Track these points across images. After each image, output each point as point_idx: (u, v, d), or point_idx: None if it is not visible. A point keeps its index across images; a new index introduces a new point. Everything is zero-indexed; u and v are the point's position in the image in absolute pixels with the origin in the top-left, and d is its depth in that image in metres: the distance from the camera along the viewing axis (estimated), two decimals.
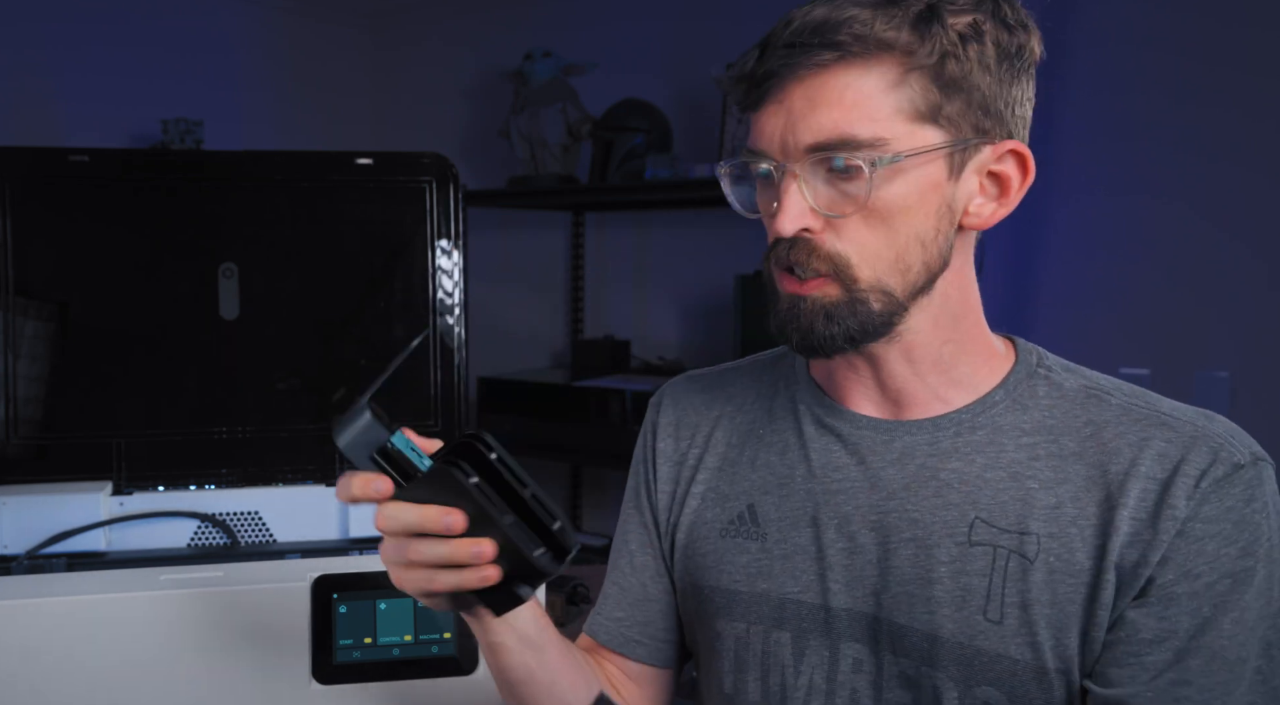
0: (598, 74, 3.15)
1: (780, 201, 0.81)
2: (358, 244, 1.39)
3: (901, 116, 0.79)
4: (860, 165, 0.78)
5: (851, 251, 0.81)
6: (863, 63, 0.78)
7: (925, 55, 0.78)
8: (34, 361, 1.31)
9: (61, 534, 1.24)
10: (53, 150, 1.32)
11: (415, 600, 1.07)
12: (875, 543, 0.85)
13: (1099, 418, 0.83)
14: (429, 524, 0.72)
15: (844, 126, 0.78)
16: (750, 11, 2.95)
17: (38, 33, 2.94)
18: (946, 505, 0.83)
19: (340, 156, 1.38)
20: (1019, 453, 0.84)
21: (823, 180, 0.80)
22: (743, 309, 2.72)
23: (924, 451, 0.86)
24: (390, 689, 1.05)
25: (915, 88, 0.78)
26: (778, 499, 0.91)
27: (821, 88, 0.79)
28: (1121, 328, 2.38)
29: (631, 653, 1.00)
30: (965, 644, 0.80)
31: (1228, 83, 2.24)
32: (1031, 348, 0.90)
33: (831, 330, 0.83)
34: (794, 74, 0.80)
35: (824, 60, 0.78)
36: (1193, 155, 2.28)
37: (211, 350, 1.35)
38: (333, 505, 1.35)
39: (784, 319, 0.85)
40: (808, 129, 0.79)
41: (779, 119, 0.81)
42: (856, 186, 0.79)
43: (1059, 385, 0.86)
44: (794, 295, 0.84)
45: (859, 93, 0.78)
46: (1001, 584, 0.80)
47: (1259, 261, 2.25)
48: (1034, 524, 0.81)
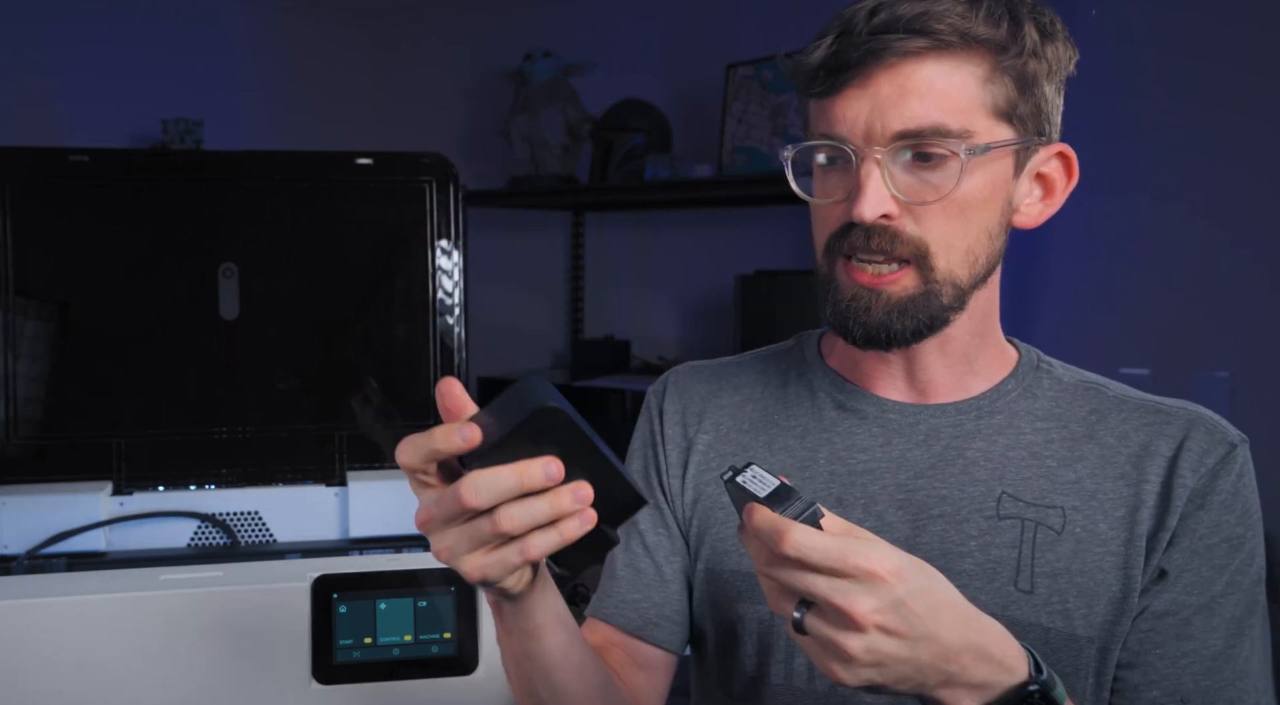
0: (598, 74, 3.15)
1: (862, 186, 0.81)
2: (358, 244, 1.39)
3: (984, 111, 0.81)
4: (953, 154, 0.80)
5: (930, 239, 0.82)
6: (955, 55, 0.80)
7: (1014, 54, 0.81)
8: (34, 361, 1.31)
9: (61, 534, 1.24)
10: (53, 150, 1.32)
11: (415, 600, 1.07)
12: (904, 521, 0.87)
13: (1100, 407, 0.89)
14: (529, 479, 0.63)
15: (935, 116, 0.80)
16: (750, 12, 2.96)
17: (38, 33, 2.94)
18: (974, 482, 0.87)
19: (340, 156, 1.38)
20: (1035, 435, 0.88)
21: (902, 168, 0.81)
22: (743, 309, 2.72)
23: (949, 433, 0.89)
24: (390, 689, 1.05)
25: (998, 85, 0.81)
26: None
27: (911, 76, 0.80)
28: (1121, 328, 2.38)
29: (650, 636, 0.96)
30: (998, 615, 0.79)
31: (1228, 83, 2.24)
32: (1029, 348, 0.95)
33: (904, 324, 0.84)
34: (881, 61, 0.80)
35: (918, 48, 0.79)
36: (1192, 156, 2.28)
37: (211, 350, 1.35)
38: (333, 505, 1.35)
39: (846, 311, 0.85)
40: (898, 116, 0.80)
41: (862, 104, 0.81)
42: (941, 175, 0.81)
43: (1059, 379, 0.92)
44: (865, 288, 0.84)
45: (950, 84, 0.80)
46: (1031, 555, 0.84)
47: (1259, 261, 2.25)
48: (1058, 498, 0.86)
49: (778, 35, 2.77)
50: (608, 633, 0.97)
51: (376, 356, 1.39)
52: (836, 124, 0.82)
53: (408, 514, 1.34)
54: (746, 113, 2.80)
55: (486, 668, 1.05)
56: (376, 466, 1.37)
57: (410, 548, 1.30)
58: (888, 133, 0.80)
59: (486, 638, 1.05)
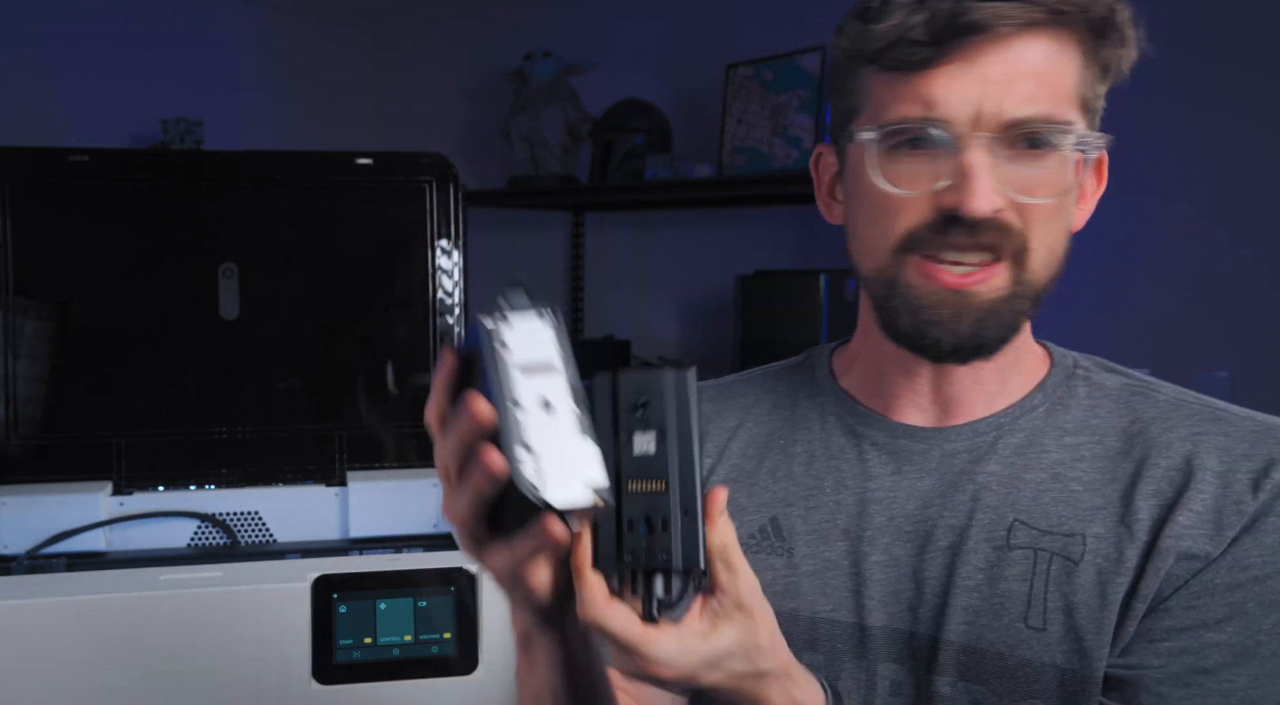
0: (598, 74, 3.15)
1: (972, 176, 0.71)
2: (358, 244, 1.39)
3: (1078, 102, 0.74)
4: (1056, 147, 0.72)
5: (1030, 235, 0.74)
6: (1061, 33, 0.72)
7: (1111, 43, 0.73)
8: (34, 361, 1.31)
9: (61, 534, 1.24)
10: (53, 150, 1.32)
11: (415, 600, 1.07)
12: (910, 553, 0.80)
13: (1146, 414, 0.79)
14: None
15: (1047, 104, 0.71)
16: (750, 11, 2.96)
17: (38, 33, 2.94)
18: (983, 509, 0.78)
19: (340, 156, 1.38)
20: (1061, 453, 0.79)
21: (1006, 157, 0.72)
22: (743, 309, 2.72)
23: (963, 457, 0.80)
24: (390, 689, 1.05)
25: (1089, 78, 0.74)
26: (804, 511, 0.84)
27: (1022, 55, 0.71)
28: (1121, 328, 2.38)
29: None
30: (1006, 655, 0.75)
31: (1228, 83, 2.24)
32: (1066, 352, 0.85)
33: (993, 332, 0.75)
34: (992, 33, 0.70)
35: (1035, 18, 0.70)
36: (1192, 156, 2.28)
37: (211, 350, 1.35)
38: (333, 505, 1.35)
39: (931, 321, 0.75)
40: (1012, 100, 0.71)
41: (968, 84, 0.71)
42: (1046, 169, 0.73)
43: (1099, 385, 0.82)
44: (952, 292, 0.74)
45: (1056, 67, 0.72)
46: (1044, 589, 0.75)
47: (1259, 261, 2.25)
48: (1079, 525, 0.75)
49: (778, 35, 2.78)
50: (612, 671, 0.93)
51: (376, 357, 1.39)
52: (937, 105, 0.71)
53: (408, 514, 1.35)
54: (746, 113, 2.79)
55: (486, 668, 1.05)
56: (376, 466, 1.37)
57: (410, 548, 1.30)
58: (1000, 119, 0.71)
59: (486, 638, 1.05)
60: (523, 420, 0.55)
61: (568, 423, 0.56)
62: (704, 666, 0.61)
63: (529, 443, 0.55)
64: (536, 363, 0.57)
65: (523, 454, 0.54)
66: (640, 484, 0.59)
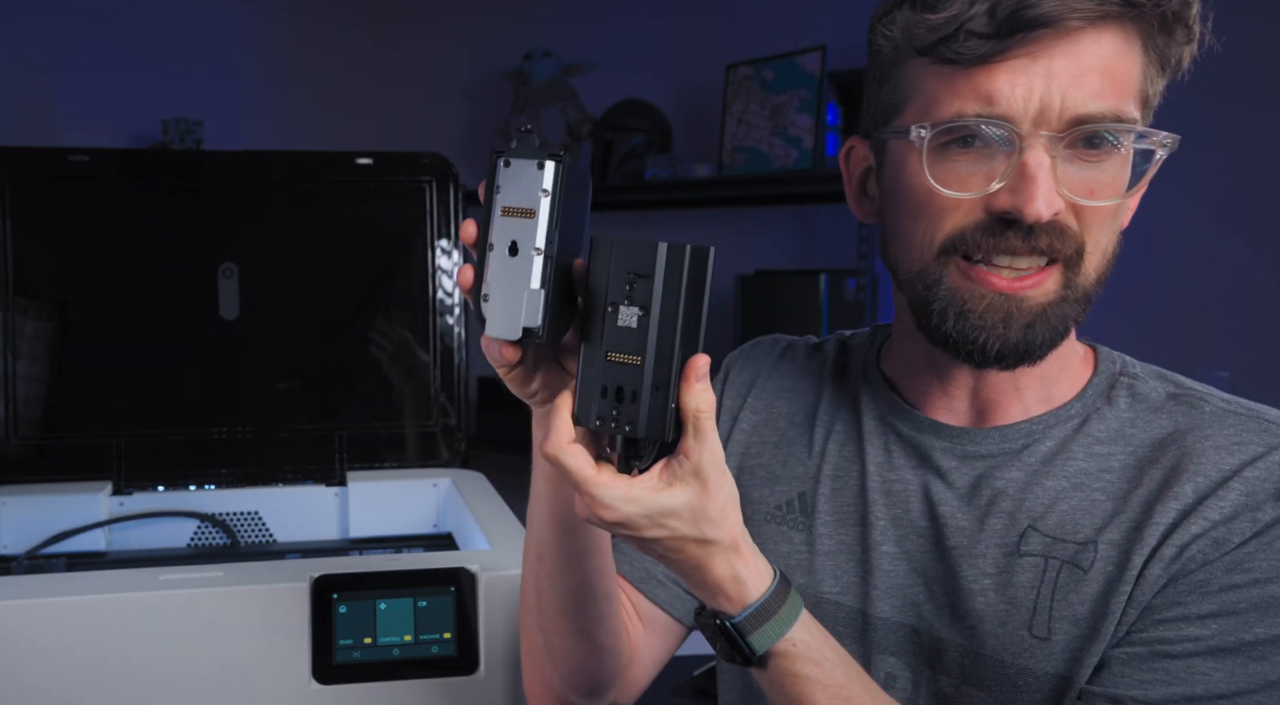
0: (598, 74, 3.15)
1: (1033, 178, 0.67)
2: (358, 244, 1.39)
3: (1140, 100, 0.70)
4: (1116, 147, 0.69)
5: (1087, 239, 0.71)
6: (1126, 28, 0.68)
7: (1175, 39, 0.70)
8: (34, 361, 1.31)
9: (61, 534, 1.24)
10: (53, 150, 1.32)
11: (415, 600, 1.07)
12: (923, 549, 0.79)
13: (1186, 423, 0.75)
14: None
15: (1115, 101, 0.68)
16: (750, 11, 2.96)
17: (38, 33, 2.94)
18: (998, 514, 0.76)
19: (340, 156, 1.38)
20: (1089, 462, 0.76)
21: (1065, 157, 0.69)
22: (743, 309, 2.72)
23: (987, 461, 0.79)
24: (390, 689, 1.05)
25: (1151, 76, 0.71)
26: (830, 491, 0.84)
27: (1089, 50, 0.67)
28: (1122, 327, 2.38)
29: (651, 593, 0.92)
30: (1008, 662, 0.74)
31: (1228, 82, 2.24)
32: (1115, 357, 0.82)
33: (1042, 337, 0.72)
34: (1061, 26, 0.66)
35: (1109, 10, 0.66)
36: (1193, 155, 2.28)
37: (211, 350, 1.35)
38: (333, 505, 1.35)
39: (980, 326, 0.72)
40: (1080, 97, 0.67)
41: (1035, 80, 0.67)
42: (1106, 169, 0.70)
43: (1143, 395, 0.78)
44: (1003, 295, 0.71)
45: (1122, 63, 0.68)
46: (1050, 597, 0.73)
47: (1259, 261, 2.25)
48: (1095, 533, 0.73)
49: (778, 35, 2.78)
50: (618, 578, 0.93)
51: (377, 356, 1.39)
52: (999, 101, 0.68)
53: (408, 514, 1.35)
54: (746, 113, 2.79)
55: (486, 668, 1.04)
56: (376, 466, 1.37)
57: (410, 548, 1.30)
58: (1066, 116, 0.67)
59: (486, 638, 1.05)
60: (490, 259, 0.63)
61: (525, 267, 0.63)
62: (646, 519, 0.65)
63: (487, 279, 0.63)
64: (518, 208, 0.63)
65: (484, 287, 0.63)
66: (619, 356, 0.64)
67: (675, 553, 0.67)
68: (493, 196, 0.63)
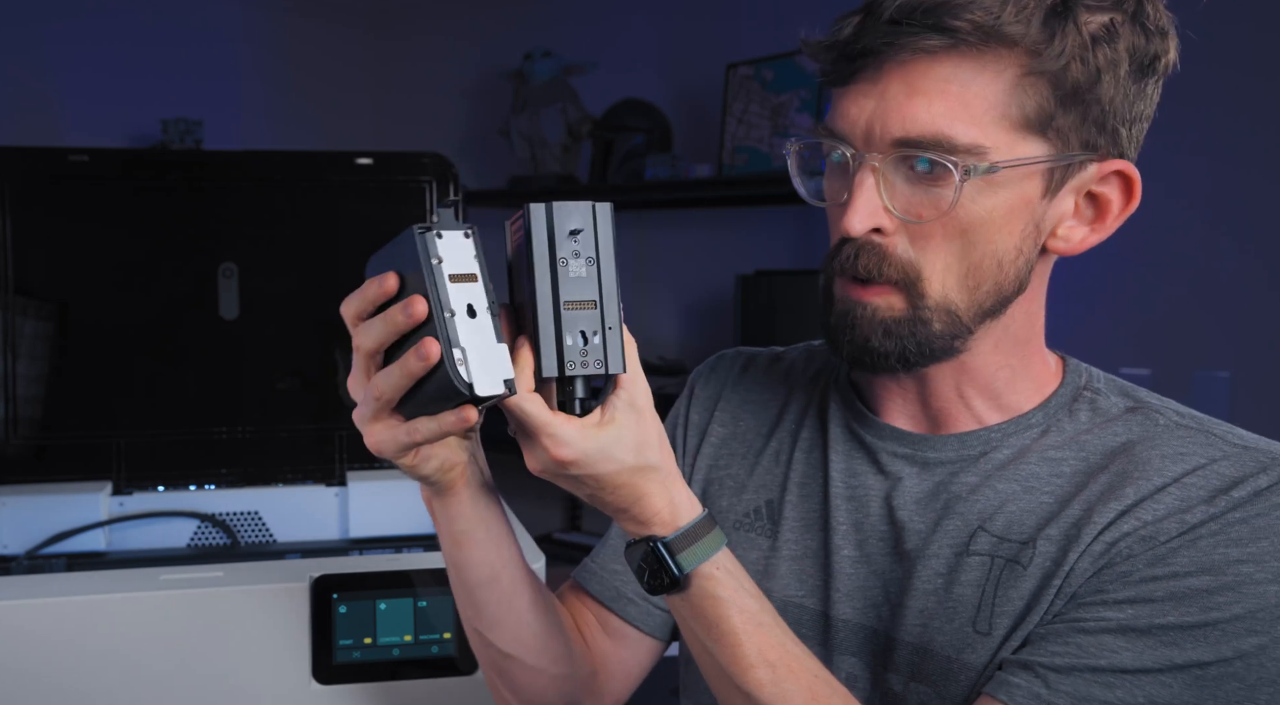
0: (598, 74, 3.15)
1: (852, 195, 0.73)
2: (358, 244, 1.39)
3: (1006, 123, 0.71)
4: (950, 171, 0.71)
5: (924, 262, 0.74)
6: (977, 56, 0.70)
7: (1051, 58, 0.70)
8: (34, 361, 1.31)
9: (61, 534, 1.24)
10: (53, 150, 1.32)
11: (415, 600, 1.07)
12: (882, 554, 0.82)
13: (1140, 434, 0.77)
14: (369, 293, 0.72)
15: (941, 124, 0.71)
16: (750, 11, 2.96)
17: (38, 33, 2.94)
18: (951, 515, 0.79)
19: (340, 156, 1.38)
20: (1042, 467, 0.78)
21: (904, 178, 0.73)
22: (743, 309, 2.72)
23: (945, 468, 0.81)
24: (390, 689, 1.05)
25: (1030, 93, 0.71)
26: (797, 498, 0.87)
27: (924, 76, 0.71)
28: (1121, 328, 2.38)
29: (622, 611, 0.93)
30: (953, 657, 0.76)
31: (1228, 83, 2.24)
32: (1082, 370, 0.83)
33: (887, 347, 0.76)
34: (894, 55, 0.71)
35: (932, 46, 0.70)
36: (1193, 155, 2.28)
37: (211, 350, 1.35)
38: (332, 505, 1.35)
39: (835, 326, 0.78)
40: (900, 120, 0.71)
41: (868, 102, 0.72)
42: (941, 192, 0.72)
43: (1102, 410, 0.80)
44: (852, 300, 0.76)
45: (965, 89, 0.70)
46: (993, 593, 0.75)
47: (1259, 261, 2.25)
48: (1035, 532, 0.75)
49: (778, 35, 2.78)
50: (583, 596, 0.96)
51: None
52: (841, 120, 0.74)
53: (408, 514, 1.35)
54: (746, 113, 2.80)
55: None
56: (376, 466, 1.37)
57: (410, 548, 1.30)
58: (887, 137, 0.72)
59: None
60: (455, 323, 0.66)
61: (486, 325, 0.67)
62: (598, 453, 0.68)
63: (461, 343, 0.66)
64: (463, 274, 0.68)
65: (457, 353, 0.65)
66: (575, 304, 0.69)
67: (620, 488, 0.70)
68: (436, 267, 0.67)
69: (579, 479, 0.70)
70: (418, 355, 0.66)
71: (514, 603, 0.83)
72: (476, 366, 0.66)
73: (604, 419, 0.69)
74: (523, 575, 0.84)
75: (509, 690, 0.88)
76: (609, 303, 0.69)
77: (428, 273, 0.66)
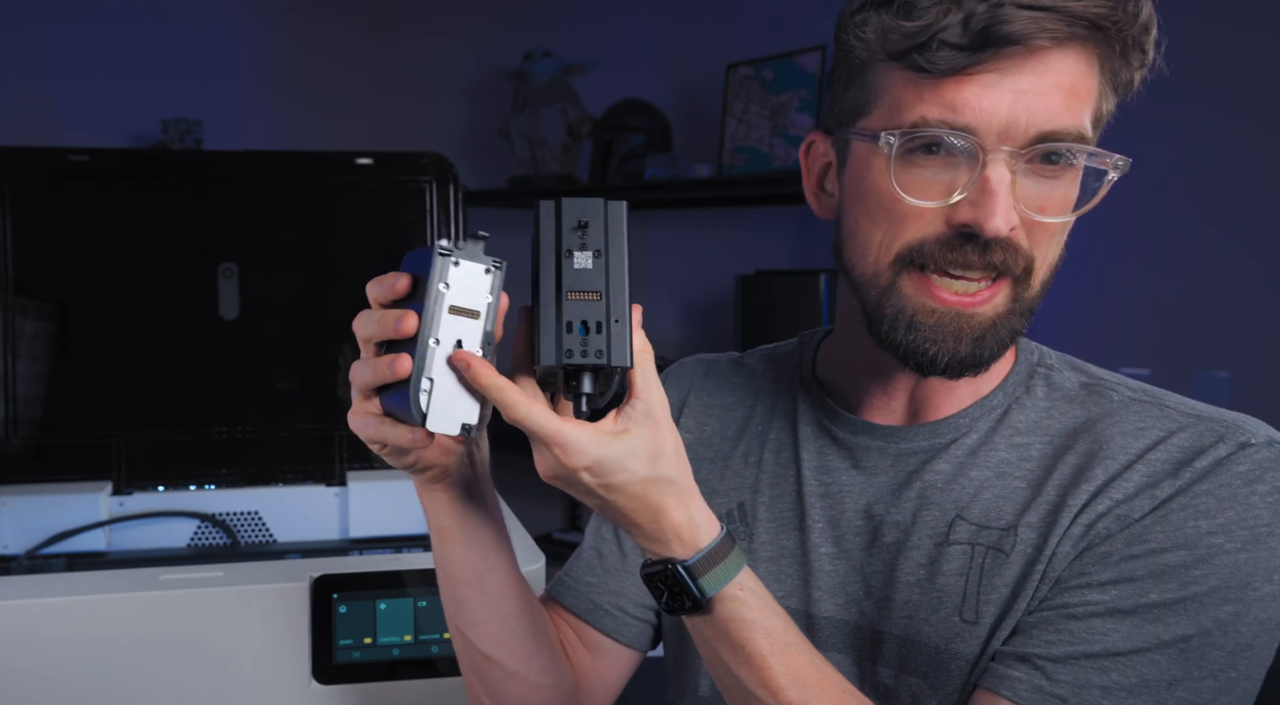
0: (598, 74, 3.15)
1: (994, 192, 0.69)
2: (358, 244, 1.39)
3: (1094, 118, 0.72)
4: (1077, 164, 0.71)
5: (1037, 256, 0.73)
6: (1089, 49, 0.70)
7: (1131, 63, 0.71)
8: (34, 361, 1.31)
9: (61, 534, 1.24)
10: (53, 150, 1.32)
11: (415, 600, 1.07)
12: (860, 548, 0.82)
13: (1097, 412, 0.78)
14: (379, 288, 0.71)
15: (1078, 119, 0.70)
16: (750, 11, 2.96)
17: (38, 33, 2.94)
18: (928, 506, 0.79)
19: (340, 156, 1.38)
20: (1010, 452, 0.79)
21: (1025, 173, 0.71)
22: (743, 309, 2.72)
23: (917, 458, 0.81)
24: (390, 689, 1.05)
25: (1107, 94, 0.72)
26: (769, 499, 0.87)
27: (1055, 68, 0.69)
28: (1121, 328, 2.38)
29: (598, 623, 0.93)
30: (941, 647, 0.76)
31: (1228, 83, 2.24)
32: (1033, 347, 0.84)
33: (990, 351, 0.74)
34: (1028, 42, 0.67)
35: (1076, 33, 0.68)
36: (1192, 155, 2.28)
37: (211, 350, 1.35)
38: (333, 505, 1.35)
39: (930, 339, 0.73)
40: (1045, 113, 0.69)
41: (1002, 94, 0.69)
42: (1062, 187, 0.72)
43: (1058, 385, 0.81)
44: (953, 311, 0.73)
45: (1084, 83, 0.70)
46: (978, 582, 0.76)
47: (1259, 261, 2.25)
48: (1015, 519, 0.76)
49: (778, 35, 2.78)
50: (559, 609, 0.96)
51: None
52: (963, 110, 0.69)
53: (408, 514, 1.35)
54: (747, 113, 2.80)
55: None
56: (376, 466, 1.37)
57: (410, 548, 1.30)
58: (1030, 132, 0.69)
59: None
60: (434, 353, 0.67)
61: None
62: (613, 461, 0.66)
63: (431, 375, 0.67)
64: (465, 308, 0.68)
65: (425, 381, 0.67)
66: (579, 294, 0.67)
67: (634, 499, 0.68)
68: (440, 294, 0.67)
69: (590, 488, 0.68)
70: (390, 367, 0.67)
71: (497, 607, 0.83)
72: (439, 401, 0.67)
73: (618, 427, 0.67)
74: (511, 581, 0.84)
75: (486, 694, 0.88)
76: (616, 296, 0.67)
77: (430, 296, 0.67)
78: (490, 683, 0.87)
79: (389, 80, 3.70)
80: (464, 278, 0.68)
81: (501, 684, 0.86)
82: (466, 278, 0.68)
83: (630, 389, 0.68)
